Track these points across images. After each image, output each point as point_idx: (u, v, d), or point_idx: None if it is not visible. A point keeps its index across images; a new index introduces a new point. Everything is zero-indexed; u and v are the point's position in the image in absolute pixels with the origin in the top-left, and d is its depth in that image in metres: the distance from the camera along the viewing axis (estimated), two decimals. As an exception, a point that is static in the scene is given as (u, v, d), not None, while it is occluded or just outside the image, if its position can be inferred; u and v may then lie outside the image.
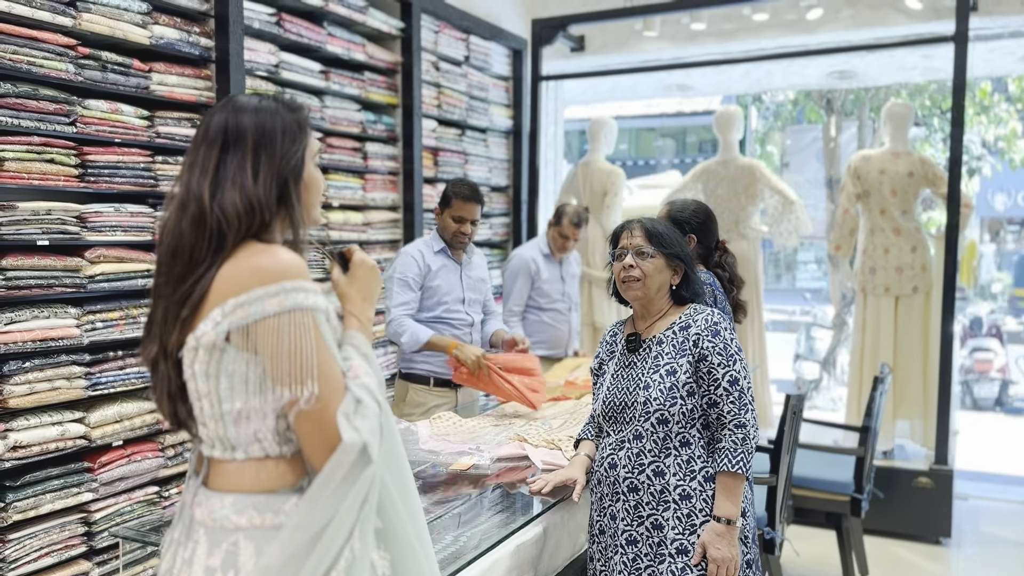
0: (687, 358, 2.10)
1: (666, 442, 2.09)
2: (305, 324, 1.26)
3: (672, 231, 2.26)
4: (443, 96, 4.54)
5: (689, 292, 2.24)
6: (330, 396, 1.27)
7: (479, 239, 4.92)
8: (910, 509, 4.33)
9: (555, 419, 3.00)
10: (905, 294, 4.57)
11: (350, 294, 1.48)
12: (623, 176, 5.27)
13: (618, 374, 2.23)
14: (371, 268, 1.50)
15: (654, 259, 2.18)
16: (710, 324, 2.12)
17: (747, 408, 2.07)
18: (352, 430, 1.26)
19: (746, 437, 2.07)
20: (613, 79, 6.63)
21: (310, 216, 1.44)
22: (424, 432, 2.78)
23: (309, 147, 1.42)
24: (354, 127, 3.95)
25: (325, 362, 1.27)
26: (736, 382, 2.07)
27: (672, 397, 2.08)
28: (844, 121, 9.12)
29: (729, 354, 2.08)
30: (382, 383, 1.41)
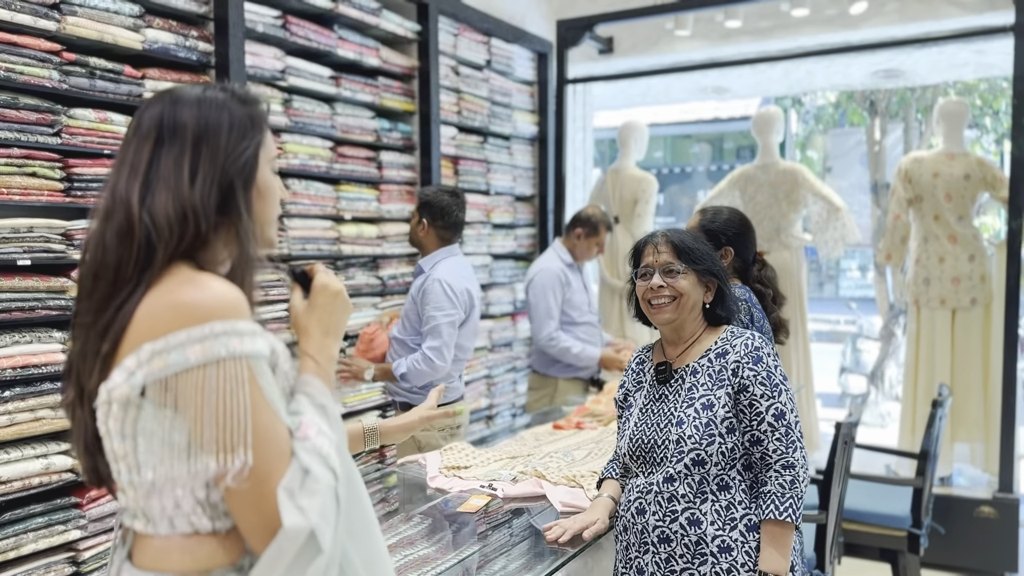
0: (725, 389, 1.85)
1: (702, 486, 1.84)
2: (237, 377, 1.01)
3: (701, 242, 2.01)
4: (463, 102, 4.32)
5: (724, 310, 1.98)
6: (269, 467, 1.02)
7: (502, 251, 4.68)
8: (972, 541, 3.97)
9: (578, 450, 2.74)
10: (962, 307, 4.23)
11: (308, 327, 1.23)
12: (655, 183, 5.00)
13: (647, 408, 1.97)
14: (335, 294, 1.26)
15: (686, 276, 1.93)
16: (750, 350, 1.88)
17: (795, 446, 1.82)
18: (296, 511, 1.01)
19: (795, 479, 1.80)
20: (645, 82, 6.36)
21: (264, 234, 1.20)
22: (433, 465, 2.54)
23: (264, 147, 1.18)
24: (368, 135, 3.74)
25: (264, 423, 1.03)
26: (782, 416, 1.82)
27: (709, 435, 1.83)
28: (889, 123, 8.74)
29: (773, 384, 1.83)
30: (343, 439, 1.16)
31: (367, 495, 1.23)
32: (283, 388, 1.14)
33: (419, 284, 3.11)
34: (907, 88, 8.29)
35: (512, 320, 4.75)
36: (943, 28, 4.62)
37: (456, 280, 3.07)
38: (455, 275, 3.09)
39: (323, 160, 3.50)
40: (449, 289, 3.03)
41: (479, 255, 4.46)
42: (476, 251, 4.44)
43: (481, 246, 4.48)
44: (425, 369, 3.01)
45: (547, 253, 4.10)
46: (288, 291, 2.95)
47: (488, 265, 4.55)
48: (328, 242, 3.52)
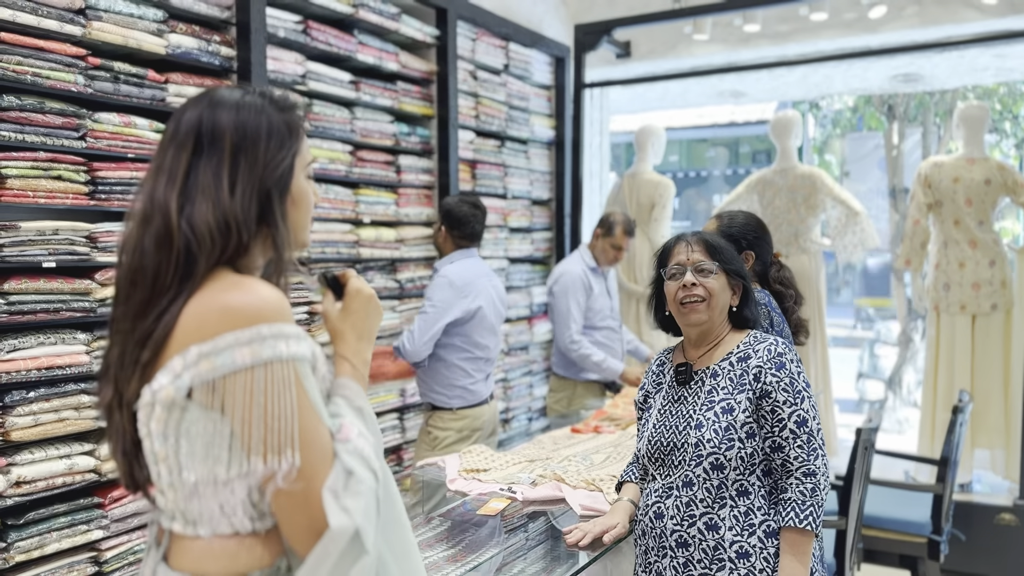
0: (746, 394, 1.83)
1: (721, 491, 1.82)
2: (285, 379, 1.03)
3: (727, 243, 2.01)
4: (481, 106, 4.33)
5: (750, 313, 1.98)
6: (315, 469, 1.04)
7: (519, 255, 4.69)
8: (991, 548, 3.94)
9: (597, 453, 2.75)
10: (983, 312, 4.20)
11: (343, 331, 1.25)
12: (672, 187, 5.00)
13: (666, 410, 1.97)
14: (368, 298, 1.27)
15: (717, 276, 1.93)
16: (773, 355, 1.85)
17: (817, 453, 1.80)
18: (341, 512, 1.02)
19: (816, 487, 1.79)
20: (662, 86, 6.35)
21: (298, 239, 1.21)
22: (452, 468, 2.55)
23: (300, 155, 1.19)
24: (387, 139, 3.76)
25: (309, 425, 1.04)
26: (804, 423, 1.80)
27: (728, 439, 1.81)
28: (907, 128, 8.68)
29: (796, 390, 1.81)
30: (379, 441, 1.17)
31: (399, 496, 1.24)
32: (322, 391, 1.15)
33: (430, 282, 3.30)
34: (926, 92, 8.24)
35: (528, 324, 4.76)
36: (963, 32, 4.60)
37: (459, 275, 3.18)
38: (461, 271, 3.20)
39: (342, 164, 3.52)
40: (446, 281, 3.14)
41: (496, 259, 4.47)
42: (493, 255, 4.45)
43: (498, 250, 4.49)
44: (401, 352, 3.15)
45: (572, 256, 4.12)
46: (319, 295, 3.08)
47: (505, 269, 4.56)
48: (347, 245, 3.54)
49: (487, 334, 3.27)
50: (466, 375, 3.22)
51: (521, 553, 2.08)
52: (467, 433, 3.21)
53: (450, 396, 3.22)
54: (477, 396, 3.27)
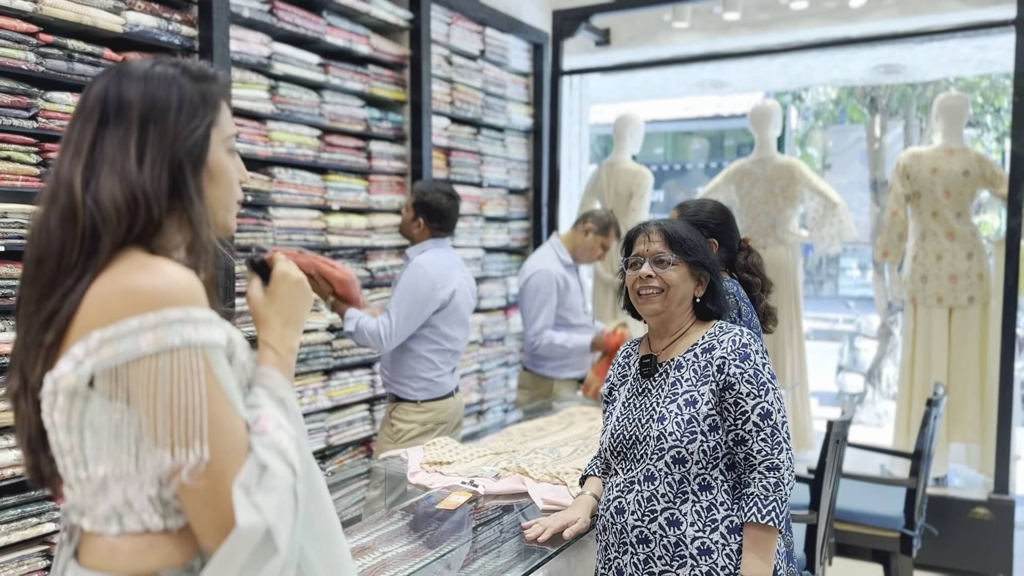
0: (710, 386, 1.79)
1: (683, 485, 1.78)
2: (193, 367, 0.96)
3: (695, 234, 1.95)
4: (456, 92, 4.25)
5: (715, 305, 1.93)
6: (225, 463, 0.97)
7: (495, 245, 4.62)
8: (965, 543, 3.92)
9: (565, 446, 2.69)
10: (960, 305, 4.17)
11: (267, 317, 1.18)
12: (650, 177, 4.94)
13: (630, 403, 1.92)
14: (295, 283, 1.20)
15: (676, 268, 1.88)
16: (737, 346, 1.81)
17: (781, 447, 1.75)
18: (251, 509, 0.96)
19: (779, 482, 1.74)
20: (642, 76, 6.29)
21: (219, 219, 1.14)
22: (415, 461, 2.48)
23: (218, 127, 1.12)
24: (357, 124, 3.68)
25: (220, 416, 0.98)
26: (768, 416, 1.75)
27: (691, 432, 1.77)
28: (889, 120, 8.67)
29: (760, 382, 1.77)
30: (302, 434, 1.10)
31: (327, 492, 1.17)
32: (241, 380, 1.08)
33: (401, 271, 3.17)
34: (907, 84, 8.23)
35: (504, 314, 4.69)
36: (944, 22, 4.56)
37: (434, 267, 3.07)
38: (436, 261, 3.10)
39: (310, 149, 3.44)
40: (424, 274, 3.03)
41: (471, 248, 4.40)
42: (468, 244, 4.38)
43: (473, 239, 4.42)
44: (369, 339, 2.98)
45: (545, 251, 3.84)
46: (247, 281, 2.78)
47: (480, 259, 4.49)
48: (315, 232, 3.46)
49: (457, 326, 3.19)
50: (433, 367, 3.14)
51: (484, 548, 2.02)
52: (431, 426, 3.13)
53: (415, 388, 3.13)
54: (443, 389, 3.19)
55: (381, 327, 2.99)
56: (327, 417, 3.52)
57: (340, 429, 3.58)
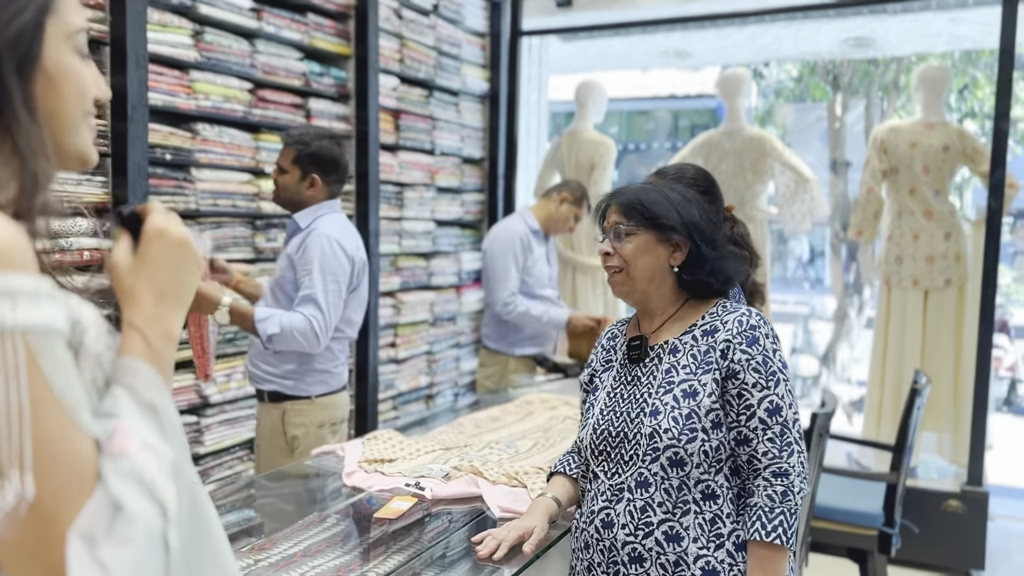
0: (712, 375, 1.51)
1: (682, 493, 1.50)
2: (10, 361, 0.64)
3: (664, 193, 1.62)
4: (406, 49, 3.89)
5: (710, 276, 1.59)
6: (58, 500, 0.66)
7: (447, 217, 4.30)
8: (937, 536, 3.74)
9: (523, 439, 2.40)
10: (936, 287, 3.97)
11: (135, 289, 0.84)
12: (613, 148, 4.65)
13: (616, 393, 1.62)
14: (176, 244, 0.87)
15: (633, 237, 1.58)
16: (745, 328, 1.52)
17: (791, 449, 1.48)
18: (94, 569, 0.65)
19: (788, 491, 1.47)
20: (604, 44, 5.98)
21: (65, 142, 0.81)
22: (352, 458, 2.16)
23: (55, 14, 0.78)
24: (295, 79, 3.31)
25: (51, 432, 0.66)
26: (777, 411, 1.48)
27: (690, 429, 1.49)
28: (851, 99, 8.52)
29: (770, 371, 1.49)
30: (183, 454, 0.78)
31: (221, 531, 0.85)
32: (94, 379, 0.76)
33: (298, 243, 2.56)
34: (870, 62, 8.07)
35: (456, 292, 4.38)
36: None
37: (347, 239, 2.58)
38: (342, 230, 2.59)
39: (240, 104, 3.07)
40: (340, 248, 2.52)
41: (421, 221, 4.07)
42: (418, 216, 4.04)
43: (424, 211, 4.09)
44: (301, 341, 2.45)
45: (512, 217, 3.77)
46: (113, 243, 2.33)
47: (431, 232, 4.16)
48: (245, 198, 3.10)
49: (360, 308, 2.69)
50: (331, 357, 2.63)
51: (431, 564, 1.72)
52: (328, 428, 2.64)
53: (310, 382, 2.60)
54: (340, 381, 2.70)
55: (314, 322, 2.44)
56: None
57: (273, 416, 3.24)
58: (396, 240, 3.90)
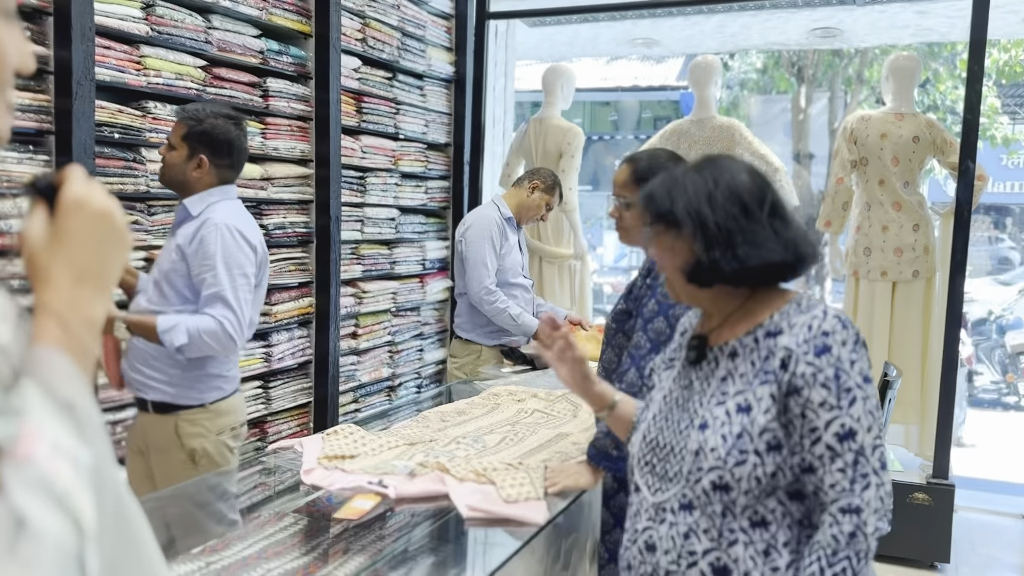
0: (769, 387, 1.28)
1: (727, 519, 1.30)
2: None
3: (675, 180, 1.37)
4: (369, 29, 3.76)
5: (718, 274, 1.34)
6: None
7: (411, 204, 4.17)
8: (902, 529, 3.72)
9: (491, 434, 2.30)
10: (904, 279, 3.95)
11: (49, 268, 0.73)
12: (582, 136, 4.56)
13: (671, 398, 1.43)
14: (98, 216, 0.75)
15: (656, 237, 1.39)
16: (815, 333, 1.27)
17: (867, 482, 1.23)
18: None
19: (858, 530, 1.23)
20: (572, 31, 5.89)
21: None
22: (311, 454, 2.05)
23: None
24: (252, 56, 3.16)
25: None
26: (850, 436, 1.23)
27: (740, 451, 1.27)
28: (815, 92, 8.55)
29: (843, 388, 1.24)
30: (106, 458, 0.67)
31: (153, 543, 0.74)
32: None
33: (191, 232, 2.28)
34: (834, 55, 8.10)
35: (420, 282, 4.26)
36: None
37: (249, 228, 2.32)
38: (245, 222, 2.34)
39: (194, 81, 2.92)
40: (242, 239, 2.26)
41: (384, 207, 3.94)
42: (381, 202, 3.92)
43: (387, 197, 3.96)
44: (214, 345, 2.20)
45: (484, 205, 3.78)
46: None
47: (395, 219, 4.04)
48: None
49: (259, 307, 2.41)
50: (225, 360, 2.38)
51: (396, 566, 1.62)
52: (229, 432, 2.39)
53: (202, 389, 2.33)
54: (233, 384, 2.43)
55: (225, 323, 2.19)
56: (213, 396, 3.04)
57: (228, 409, 3.10)
58: (358, 227, 3.77)
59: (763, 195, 1.35)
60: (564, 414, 2.59)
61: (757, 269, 1.32)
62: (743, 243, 1.31)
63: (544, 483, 1.89)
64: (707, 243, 1.32)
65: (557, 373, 1.70)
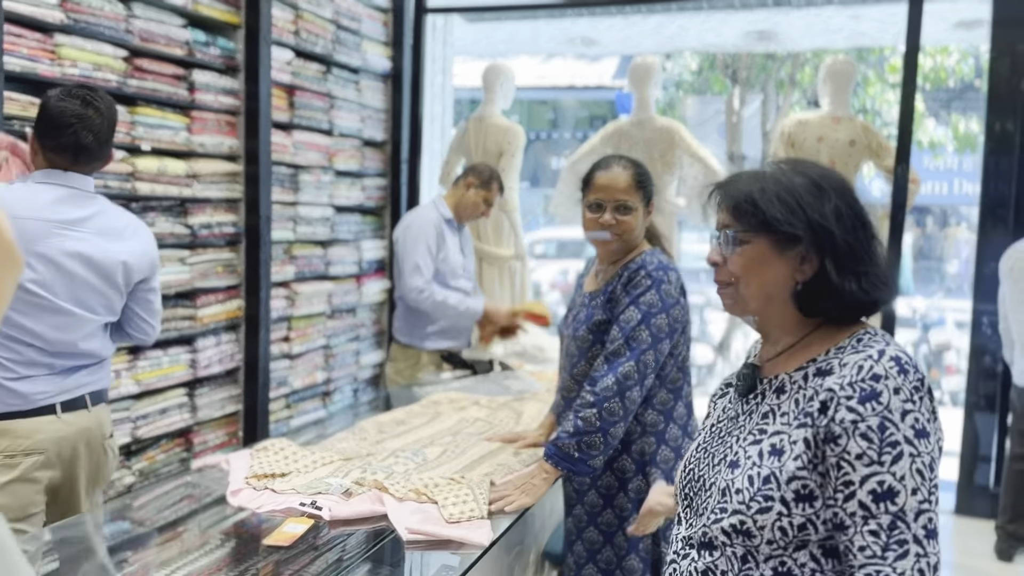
0: (806, 431, 1.12)
1: (749, 566, 1.15)
2: None
3: (790, 186, 1.20)
4: (302, 21, 3.61)
5: (832, 303, 1.19)
6: None
7: (347, 203, 4.04)
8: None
9: (431, 445, 2.21)
10: (840, 281, 3.99)
11: None
12: (523, 135, 4.48)
13: (718, 427, 1.30)
14: None
15: (746, 246, 1.21)
16: (864, 376, 1.10)
17: (904, 551, 1.06)
18: None
19: None
20: (510, 28, 5.83)
21: None
22: (238, 473, 1.93)
23: None
24: (176, 48, 3.00)
25: None
26: (890, 496, 1.06)
27: (765, 497, 1.12)
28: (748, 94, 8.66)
29: (888, 441, 1.07)
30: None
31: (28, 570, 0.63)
32: None
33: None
34: (767, 57, 8.21)
35: (357, 282, 4.13)
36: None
37: (13, 205, 1.95)
38: (17, 199, 1.97)
39: (113, 73, 2.75)
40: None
41: (318, 206, 3.80)
42: (315, 201, 3.77)
43: (321, 195, 3.82)
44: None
45: (425, 204, 3.70)
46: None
47: (329, 219, 3.90)
48: (119, 178, 2.78)
49: (42, 313, 2.00)
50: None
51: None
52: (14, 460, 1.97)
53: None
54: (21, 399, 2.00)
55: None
56: (134, 405, 2.88)
57: (151, 419, 2.94)
58: (290, 226, 3.62)
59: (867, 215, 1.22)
60: (507, 422, 2.51)
61: (870, 303, 1.18)
62: (866, 270, 1.16)
63: (490, 499, 1.80)
64: (838, 266, 1.16)
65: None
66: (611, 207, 2.04)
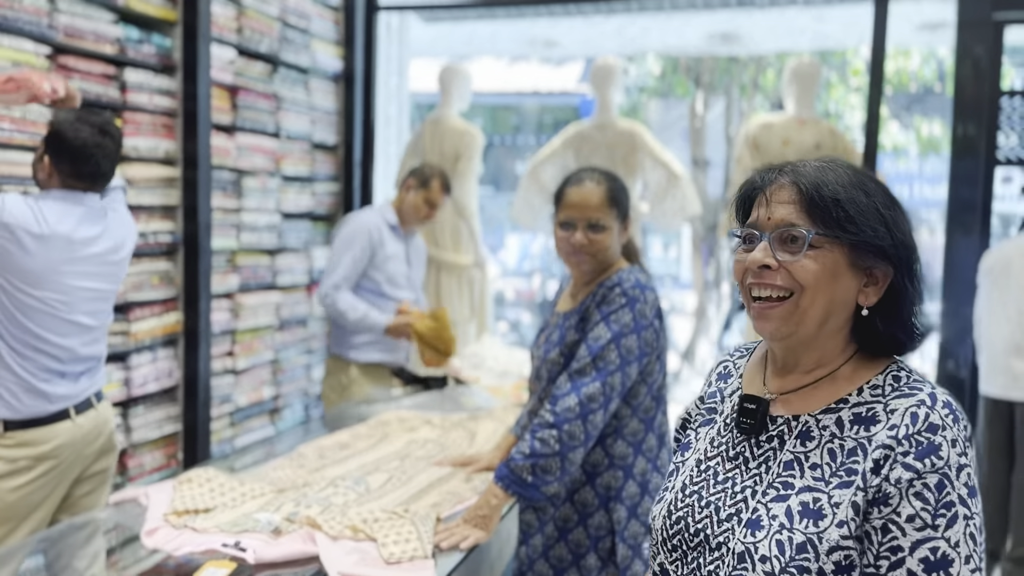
0: (853, 492, 0.96)
1: None
2: None
3: (869, 192, 1.01)
4: (245, 18, 3.43)
5: (900, 330, 1.03)
6: None
7: (296, 210, 3.86)
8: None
9: (376, 472, 2.04)
10: (806, 287, 3.89)
11: None
12: (480, 138, 4.34)
13: (709, 467, 1.10)
14: None
15: (820, 253, 0.99)
16: (921, 427, 0.95)
17: None
18: None
19: None
20: (469, 29, 5.69)
21: None
22: (157, 509, 1.74)
23: None
24: (107, 45, 2.80)
25: None
26: (944, 566, 0.92)
27: (801, 568, 0.95)
28: (712, 97, 8.60)
29: (944, 502, 0.93)
30: None
31: None
32: None
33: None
34: (731, 60, 8.16)
35: (307, 292, 3.95)
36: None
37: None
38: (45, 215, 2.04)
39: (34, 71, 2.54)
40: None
41: (264, 212, 3.62)
42: (261, 207, 3.59)
43: (267, 201, 3.63)
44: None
45: (369, 209, 3.50)
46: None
47: (277, 226, 3.71)
48: (41, 184, 2.57)
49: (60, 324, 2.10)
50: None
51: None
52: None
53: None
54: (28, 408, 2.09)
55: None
56: (60, 429, 2.67)
57: (79, 443, 2.73)
58: (233, 234, 3.43)
59: None
60: (460, 443, 2.35)
61: (920, 338, 1.04)
62: (920, 297, 1.04)
63: (436, 536, 1.65)
64: (912, 293, 1.02)
65: None
66: (583, 225, 1.89)
